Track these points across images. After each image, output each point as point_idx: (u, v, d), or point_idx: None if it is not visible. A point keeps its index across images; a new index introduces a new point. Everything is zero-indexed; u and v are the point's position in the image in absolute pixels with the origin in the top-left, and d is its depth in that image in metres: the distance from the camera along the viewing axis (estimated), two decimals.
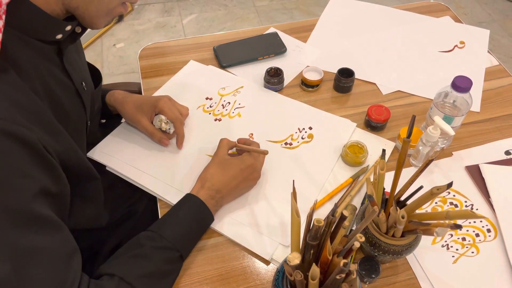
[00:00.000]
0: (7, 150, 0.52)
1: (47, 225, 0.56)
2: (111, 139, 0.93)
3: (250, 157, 0.81)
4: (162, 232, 0.70)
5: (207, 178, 0.79)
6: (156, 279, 0.67)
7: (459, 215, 0.60)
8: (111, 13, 0.65)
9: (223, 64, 1.12)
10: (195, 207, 0.75)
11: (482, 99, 1.05)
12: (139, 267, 0.66)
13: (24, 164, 0.54)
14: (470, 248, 0.78)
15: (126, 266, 0.66)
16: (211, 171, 0.80)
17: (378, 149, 0.92)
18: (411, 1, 1.40)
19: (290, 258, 0.50)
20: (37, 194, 0.55)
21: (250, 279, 0.74)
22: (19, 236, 0.52)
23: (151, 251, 0.68)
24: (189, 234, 0.74)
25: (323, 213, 0.82)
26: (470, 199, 0.85)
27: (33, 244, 0.53)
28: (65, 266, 0.56)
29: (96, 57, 2.39)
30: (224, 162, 0.81)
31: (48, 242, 0.55)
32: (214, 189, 0.77)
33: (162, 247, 0.69)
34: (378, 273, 0.70)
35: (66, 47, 0.68)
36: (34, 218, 0.54)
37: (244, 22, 2.66)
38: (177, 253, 0.70)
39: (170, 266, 0.70)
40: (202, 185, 0.78)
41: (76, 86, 0.71)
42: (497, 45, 2.52)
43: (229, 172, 0.79)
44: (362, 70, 1.12)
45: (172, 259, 0.70)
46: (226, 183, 0.78)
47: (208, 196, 0.77)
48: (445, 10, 1.34)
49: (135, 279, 0.64)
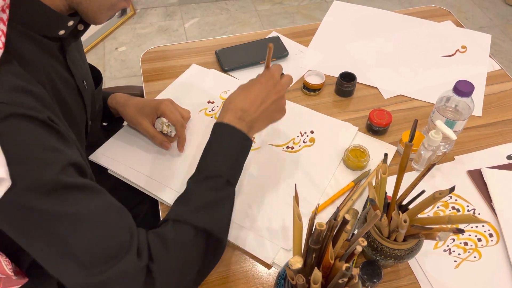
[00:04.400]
0: (27, 129, 0.52)
1: (86, 190, 0.56)
2: (113, 142, 0.93)
3: (270, 71, 0.77)
4: (200, 166, 0.70)
5: (230, 101, 0.75)
6: (210, 209, 0.65)
7: (461, 219, 0.60)
8: (114, 7, 0.65)
9: (225, 68, 1.12)
10: (226, 132, 0.72)
11: (484, 104, 1.05)
12: (189, 204, 0.65)
13: (47, 139, 0.54)
14: (472, 252, 0.78)
15: (177, 208, 0.66)
16: (233, 95, 0.76)
17: (379, 153, 0.92)
18: (413, 5, 1.40)
19: (292, 262, 0.50)
20: (67, 165, 0.54)
21: (251, 283, 0.74)
22: (61, 204, 0.52)
23: (195, 186, 0.68)
24: (229, 158, 0.71)
25: (325, 217, 0.82)
26: (472, 204, 0.85)
27: (78, 209, 0.53)
28: (117, 222, 0.57)
29: (98, 60, 2.40)
30: (246, 85, 0.77)
31: (93, 204, 0.55)
32: (238, 108, 0.73)
33: (203, 178, 0.68)
34: (380, 278, 0.69)
35: (69, 44, 0.68)
36: (71, 186, 0.54)
37: (245, 26, 2.67)
38: (222, 179, 0.68)
39: (219, 193, 0.67)
40: (227, 108, 0.74)
41: (77, 84, 0.72)
42: (499, 49, 2.52)
43: (251, 89, 0.75)
44: (363, 74, 1.12)
45: (219, 186, 0.68)
46: (250, 101, 0.74)
47: (235, 118, 0.72)
48: (446, 14, 1.34)
49: (188, 215, 0.63)
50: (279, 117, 0.80)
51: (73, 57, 0.72)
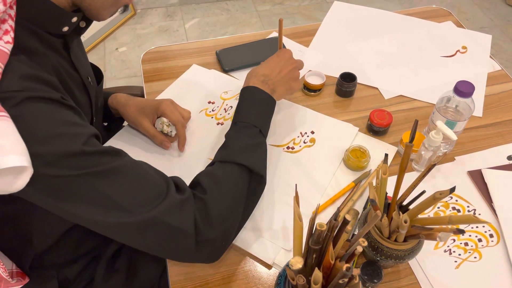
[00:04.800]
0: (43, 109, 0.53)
1: (111, 153, 0.59)
2: (114, 142, 0.93)
3: (283, 49, 0.93)
4: (235, 119, 0.81)
5: (252, 72, 0.89)
6: (250, 151, 0.75)
7: (462, 220, 0.60)
8: (117, 3, 0.66)
9: (225, 68, 1.12)
10: (253, 92, 0.84)
11: (484, 104, 1.05)
12: (232, 148, 0.75)
13: (65, 115, 0.56)
14: (472, 253, 0.78)
15: (220, 153, 0.76)
16: (254, 68, 0.90)
17: (380, 153, 0.92)
18: (413, 6, 1.40)
19: (293, 262, 0.50)
20: (89, 137, 0.57)
21: (252, 283, 0.74)
22: (94, 166, 0.56)
23: (234, 134, 0.78)
24: (260, 112, 0.82)
25: (325, 218, 0.82)
26: (473, 204, 0.85)
27: (111, 166, 0.57)
28: (148, 171, 0.63)
29: (99, 61, 2.40)
30: (266, 61, 0.92)
31: (124, 160, 0.60)
32: (260, 74, 0.87)
33: (240, 128, 0.78)
34: (380, 278, 0.69)
35: (72, 41, 0.69)
36: (97, 152, 0.57)
37: (246, 26, 2.67)
38: (256, 129, 0.79)
39: (255, 139, 0.78)
40: (250, 77, 0.87)
41: (83, 80, 0.73)
42: (499, 50, 2.52)
43: (269, 62, 0.90)
44: (364, 75, 1.12)
45: (254, 133, 0.78)
46: (271, 68, 0.88)
47: (259, 82, 0.85)
48: (447, 15, 1.34)
49: (232, 155, 0.73)
50: (296, 86, 0.92)
51: (76, 54, 0.72)
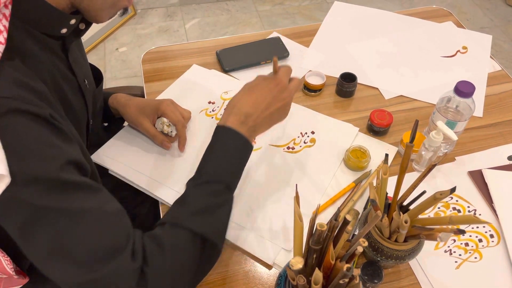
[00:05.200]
0: (27, 125, 0.52)
1: (85, 188, 0.56)
2: (114, 143, 0.93)
3: (278, 76, 0.75)
4: (200, 169, 0.69)
5: (234, 104, 0.73)
6: (208, 214, 0.65)
7: (462, 220, 0.60)
8: (116, 5, 0.65)
9: (225, 69, 1.12)
10: (228, 136, 0.71)
11: (484, 104, 1.05)
12: (187, 208, 0.65)
13: (47, 136, 0.54)
14: (473, 253, 0.78)
15: (174, 211, 0.66)
16: (238, 96, 0.74)
17: (380, 153, 0.92)
18: (414, 6, 1.40)
19: (293, 262, 0.50)
20: (67, 162, 0.54)
21: (252, 284, 0.74)
22: (59, 203, 0.52)
23: (195, 190, 0.67)
24: (229, 164, 0.70)
25: (326, 218, 0.82)
26: (473, 205, 0.85)
27: (76, 206, 0.53)
28: (115, 222, 0.57)
29: (99, 61, 2.40)
30: (251, 86, 0.75)
31: (91, 202, 0.55)
32: (242, 113, 0.71)
33: (204, 182, 0.67)
34: (381, 278, 0.69)
35: (71, 43, 0.68)
36: (70, 183, 0.54)
37: (246, 27, 2.67)
38: (222, 185, 0.67)
39: (218, 198, 0.67)
40: (230, 112, 0.72)
41: (79, 83, 0.72)
42: (500, 50, 2.52)
43: (256, 93, 0.73)
44: (364, 75, 1.12)
45: (218, 191, 0.67)
46: (254, 105, 0.72)
47: (238, 122, 0.71)
48: (447, 15, 1.34)
49: (186, 219, 0.63)
50: (282, 119, 0.79)
51: (74, 56, 0.72)
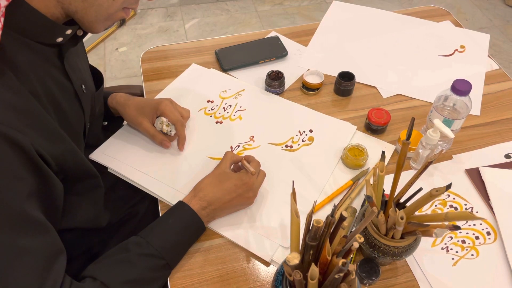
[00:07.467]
0: (6, 152, 0.52)
1: (35, 227, 0.57)
2: (113, 141, 0.94)
3: (249, 175, 0.79)
4: (150, 239, 0.70)
5: (201, 188, 0.78)
6: (139, 286, 0.67)
7: (458, 216, 0.60)
8: (111, 18, 0.64)
9: (224, 68, 1.13)
10: (186, 216, 0.75)
11: (482, 103, 1.06)
12: (123, 273, 0.66)
13: (15, 166, 0.54)
14: (470, 250, 0.78)
15: (110, 271, 0.66)
16: (207, 181, 0.79)
17: (378, 152, 0.92)
18: (412, 5, 1.41)
19: (290, 258, 0.51)
20: (27, 195, 0.55)
21: (250, 281, 0.74)
22: (6, 236, 0.53)
23: (137, 258, 0.68)
24: (178, 243, 0.73)
25: (323, 216, 0.83)
26: (470, 202, 0.85)
27: (19, 245, 0.54)
28: (47, 267, 0.57)
29: (99, 61, 2.40)
30: (222, 175, 0.79)
31: (34, 243, 0.56)
32: (206, 200, 0.76)
33: (148, 254, 0.68)
34: (377, 275, 0.70)
35: (67, 50, 0.68)
36: (24, 220, 0.55)
37: (246, 27, 2.68)
38: (163, 261, 0.69)
39: (155, 273, 0.69)
40: (195, 194, 0.77)
41: (75, 88, 0.71)
42: (498, 50, 2.52)
43: (224, 186, 0.78)
44: (362, 74, 1.12)
45: (158, 267, 0.69)
46: (219, 196, 0.77)
47: (199, 206, 0.75)
48: (445, 14, 1.34)
49: (117, 284, 0.64)
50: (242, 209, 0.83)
51: (71, 62, 0.71)
